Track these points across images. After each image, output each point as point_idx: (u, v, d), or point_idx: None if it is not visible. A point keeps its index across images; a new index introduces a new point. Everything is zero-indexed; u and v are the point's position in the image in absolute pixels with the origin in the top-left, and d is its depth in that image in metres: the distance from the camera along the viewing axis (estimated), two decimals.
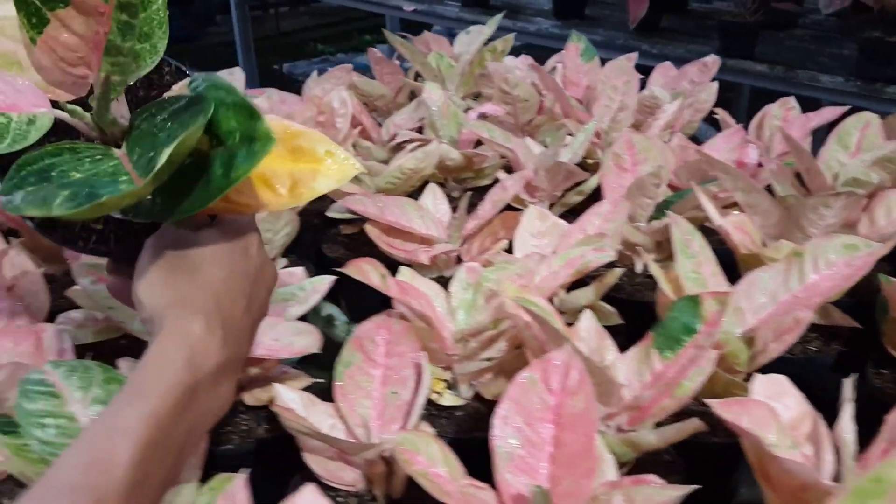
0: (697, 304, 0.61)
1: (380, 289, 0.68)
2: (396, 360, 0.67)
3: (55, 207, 0.36)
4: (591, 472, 0.53)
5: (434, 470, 0.54)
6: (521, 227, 0.89)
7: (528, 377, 0.57)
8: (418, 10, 2.89)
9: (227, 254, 0.44)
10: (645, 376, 0.63)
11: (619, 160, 0.97)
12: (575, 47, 1.31)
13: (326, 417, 0.65)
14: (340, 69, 1.26)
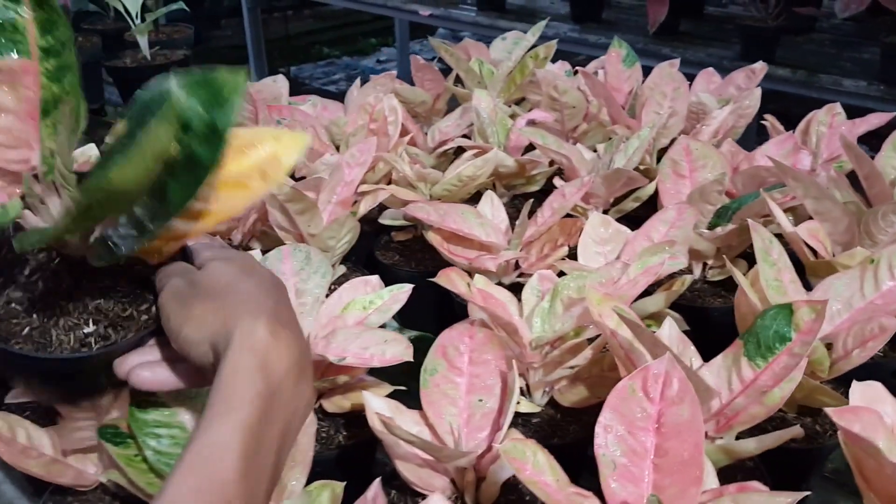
0: (791, 312, 0.61)
1: (466, 297, 0.68)
2: (481, 368, 0.67)
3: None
4: (699, 481, 0.54)
5: (542, 478, 0.54)
6: (585, 234, 0.89)
7: (629, 386, 0.57)
8: (434, 14, 2.90)
9: (240, 267, 0.46)
10: (734, 384, 0.64)
11: (677, 166, 0.97)
12: (617, 53, 1.31)
13: (413, 425, 0.66)
14: (386, 76, 1.26)
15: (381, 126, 1.07)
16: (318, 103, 1.24)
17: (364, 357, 0.65)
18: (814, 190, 0.79)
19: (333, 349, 0.68)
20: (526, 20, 2.73)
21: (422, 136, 1.21)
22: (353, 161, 0.95)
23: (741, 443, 0.59)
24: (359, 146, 0.97)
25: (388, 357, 0.64)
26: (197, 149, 0.38)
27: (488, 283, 0.77)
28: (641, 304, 0.82)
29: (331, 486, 0.60)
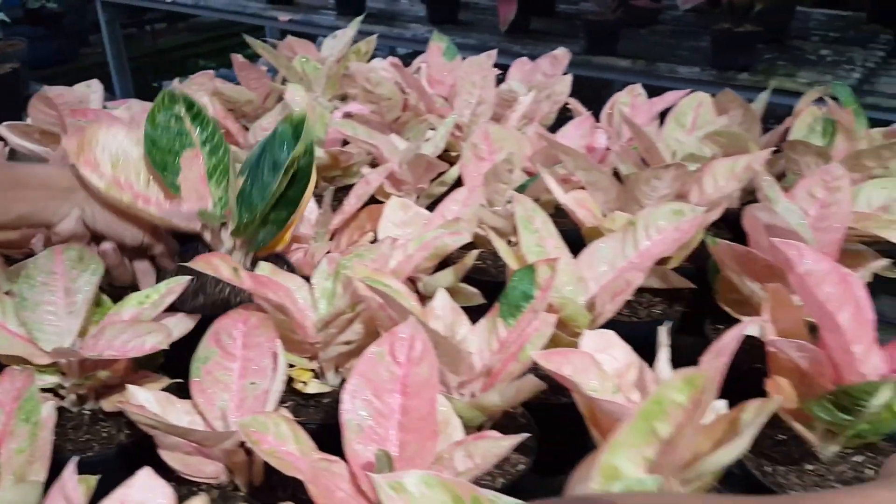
0: (533, 271, 0.65)
1: (233, 282, 0.68)
2: (254, 352, 0.67)
3: None
4: (435, 435, 0.56)
5: (284, 448, 0.55)
6: (385, 218, 0.91)
7: (377, 351, 0.59)
8: (294, 19, 2.89)
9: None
10: (493, 344, 0.67)
11: (477, 150, 1.01)
12: (437, 47, 1.35)
13: (184, 414, 0.65)
14: (202, 75, 1.25)
15: None
16: (136, 107, 1.22)
17: (125, 349, 0.64)
18: (583, 162, 0.83)
19: (101, 346, 0.67)
20: (385, 23, 2.76)
21: (244, 134, 1.20)
22: None
23: (486, 396, 0.62)
24: None
25: (147, 347, 0.64)
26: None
27: (275, 269, 0.77)
28: (434, 279, 0.84)
29: (85, 480, 0.58)
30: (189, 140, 0.73)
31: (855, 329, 0.57)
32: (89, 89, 1.24)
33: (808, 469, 0.63)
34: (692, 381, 0.41)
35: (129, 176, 0.74)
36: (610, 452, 0.42)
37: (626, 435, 0.42)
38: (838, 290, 0.57)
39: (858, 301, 0.58)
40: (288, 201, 0.77)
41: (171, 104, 0.73)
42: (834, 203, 0.77)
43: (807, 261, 0.57)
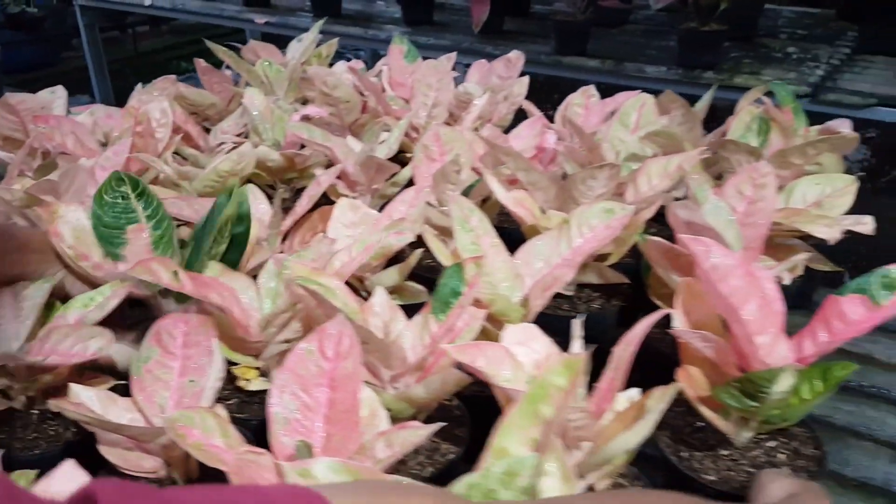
0: (461, 269, 0.67)
1: (171, 286, 0.70)
2: (194, 351, 0.70)
3: None
4: (358, 426, 0.58)
5: (211, 441, 0.57)
6: (334, 219, 0.93)
7: (306, 348, 0.61)
8: (270, 21, 2.90)
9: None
10: (425, 339, 0.69)
11: (428, 151, 1.03)
12: (399, 49, 1.37)
13: (125, 412, 0.67)
14: (164, 80, 1.27)
15: (147, 128, 1.08)
16: (99, 112, 1.24)
17: (68, 355, 0.67)
18: (522, 163, 0.86)
19: (45, 351, 0.69)
20: (361, 25, 2.78)
21: (205, 137, 1.23)
22: (107, 163, 0.96)
23: (412, 389, 0.65)
24: (113, 148, 0.98)
25: (90, 353, 0.66)
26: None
27: (224, 269, 0.80)
28: (378, 278, 0.87)
29: (25, 474, 0.61)
30: (135, 216, 0.79)
31: (761, 320, 0.60)
32: (54, 95, 1.26)
33: (723, 454, 0.66)
34: (571, 365, 0.43)
35: (89, 248, 0.79)
36: (501, 435, 0.45)
37: (514, 417, 0.45)
38: (744, 284, 0.60)
39: (766, 294, 0.61)
40: (228, 264, 0.81)
41: (119, 184, 0.78)
42: (760, 199, 0.79)
43: (713, 256, 0.60)
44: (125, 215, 0.77)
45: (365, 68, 1.46)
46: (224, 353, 0.76)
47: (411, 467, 0.68)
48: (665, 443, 0.67)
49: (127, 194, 0.77)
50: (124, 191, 0.77)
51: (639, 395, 0.62)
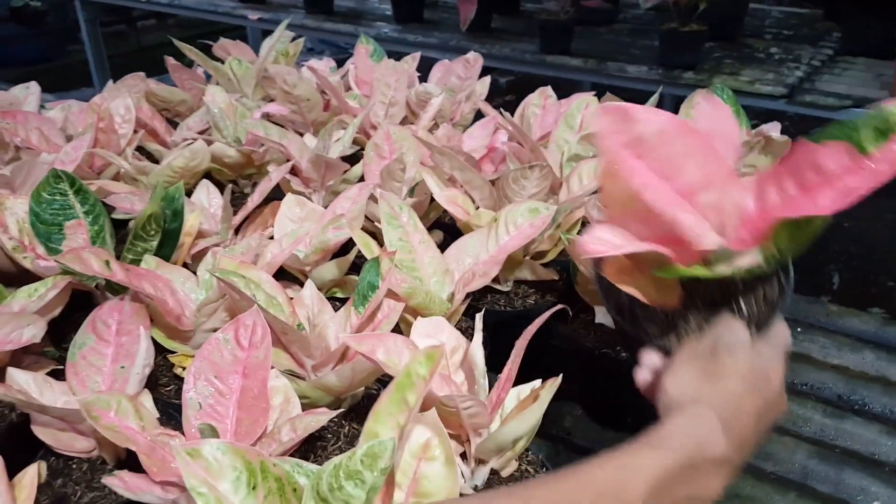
0: (378, 264, 0.70)
1: (102, 275, 0.74)
2: (126, 338, 0.73)
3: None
4: (266, 411, 0.62)
5: (125, 424, 0.61)
6: (281, 214, 0.96)
7: (222, 337, 0.65)
8: (263, 18, 2.94)
9: (750, 372, 0.50)
10: (347, 330, 0.72)
11: (379, 150, 1.06)
12: (364, 49, 1.40)
13: (61, 395, 0.71)
14: (133, 77, 1.31)
15: (109, 125, 1.12)
16: (74, 107, 1.27)
17: (3, 341, 0.70)
18: (458, 163, 0.89)
19: None
20: (352, 22, 2.81)
21: (172, 133, 1.26)
22: (66, 158, 1.00)
23: (325, 377, 0.68)
24: (72, 144, 1.02)
25: (24, 339, 0.70)
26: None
27: (160, 263, 0.83)
28: (317, 272, 0.90)
29: None
30: (73, 212, 0.82)
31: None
32: (27, 91, 1.30)
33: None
34: (431, 356, 0.46)
35: (34, 239, 0.83)
36: (373, 420, 0.48)
37: (386, 404, 0.48)
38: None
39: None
40: (162, 258, 0.85)
41: (57, 182, 0.82)
42: None
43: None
44: (63, 212, 0.81)
45: (335, 67, 1.50)
46: (162, 342, 0.80)
47: (331, 452, 0.71)
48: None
49: (65, 191, 0.80)
50: (62, 188, 0.80)
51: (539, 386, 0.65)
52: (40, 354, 0.82)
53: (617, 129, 0.49)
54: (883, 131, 0.47)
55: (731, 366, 0.50)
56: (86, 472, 0.70)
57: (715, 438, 0.46)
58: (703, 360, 0.51)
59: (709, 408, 0.47)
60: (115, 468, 0.70)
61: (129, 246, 0.82)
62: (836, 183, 0.48)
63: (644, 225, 0.51)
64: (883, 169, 0.46)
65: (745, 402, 0.49)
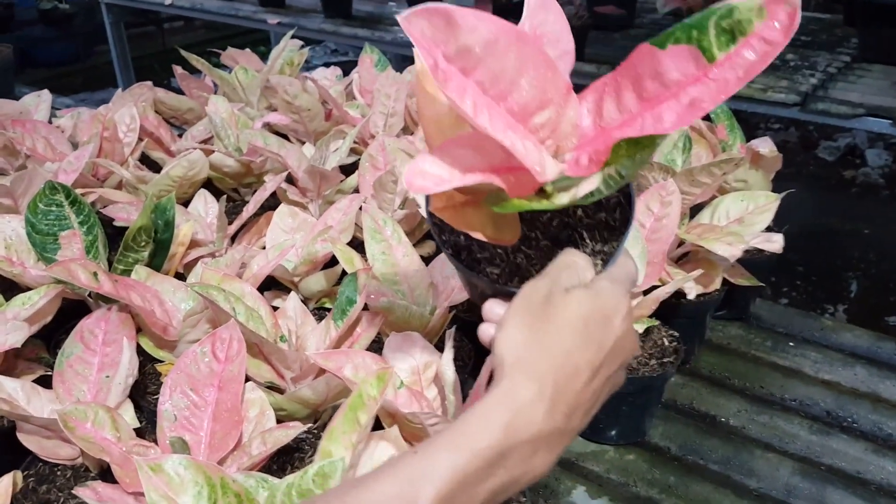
0: (356, 279, 0.72)
1: (89, 287, 0.76)
2: (112, 348, 0.75)
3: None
4: (239, 424, 0.63)
5: (101, 434, 0.63)
6: (273, 224, 0.98)
7: (199, 350, 0.66)
8: (283, 22, 2.97)
9: (586, 320, 0.43)
10: (326, 343, 0.74)
11: (374, 161, 1.08)
12: (369, 59, 1.41)
13: (48, 403, 0.73)
14: (141, 86, 1.33)
15: (113, 134, 1.14)
16: (84, 115, 1.30)
17: None
18: None
19: None
20: (370, 27, 2.83)
21: (177, 141, 1.28)
22: (69, 167, 1.02)
23: (300, 390, 0.69)
24: (75, 154, 1.04)
25: (8, 344, 0.72)
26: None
27: (151, 273, 0.85)
28: (306, 283, 0.91)
29: None
30: (68, 223, 0.84)
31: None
32: (38, 99, 1.33)
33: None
34: (381, 377, 0.47)
35: (21, 255, 0.86)
36: (327, 439, 0.49)
37: (339, 423, 0.49)
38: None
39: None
40: (153, 269, 0.87)
41: (53, 193, 0.84)
42: (665, 216, 0.82)
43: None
44: (59, 222, 0.83)
45: (341, 76, 1.51)
46: (150, 351, 0.82)
47: (306, 464, 0.72)
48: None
49: (61, 202, 0.83)
50: (58, 199, 0.83)
51: None
52: (35, 361, 0.84)
53: (438, 39, 0.39)
54: (730, 32, 0.39)
55: (562, 314, 0.42)
56: (69, 479, 0.72)
57: (530, 415, 0.40)
58: (536, 309, 0.43)
59: (527, 373, 0.41)
60: (98, 476, 0.72)
61: (120, 257, 0.84)
62: (679, 95, 0.40)
63: (472, 152, 0.43)
64: (730, 78, 0.39)
65: (578, 356, 0.42)
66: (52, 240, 0.84)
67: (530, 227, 0.50)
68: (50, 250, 0.84)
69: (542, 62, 0.42)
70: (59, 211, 0.84)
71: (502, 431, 0.39)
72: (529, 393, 0.40)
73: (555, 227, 0.50)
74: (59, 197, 0.84)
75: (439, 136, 0.46)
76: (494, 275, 0.48)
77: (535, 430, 0.40)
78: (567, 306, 0.42)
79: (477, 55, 0.40)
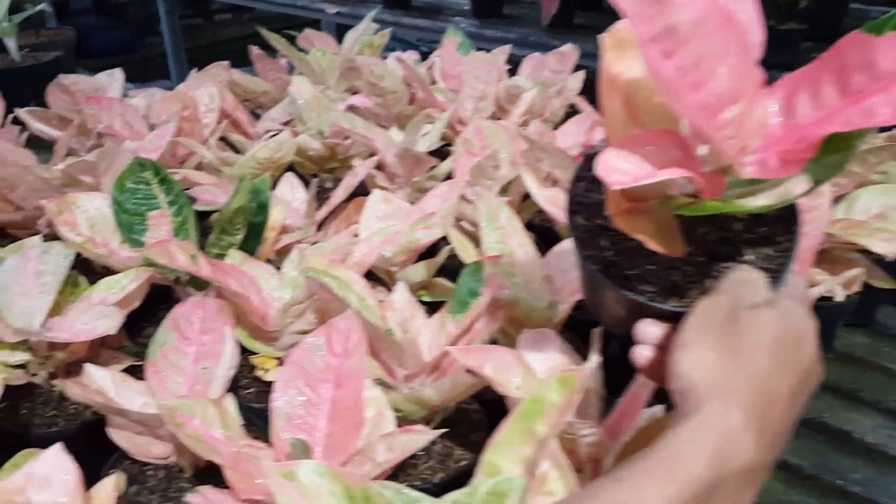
0: (480, 268, 0.64)
1: (188, 269, 0.70)
2: (210, 337, 0.69)
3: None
4: (360, 426, 0.56)
5: (210, 433, 0.56)
6: (367, 210, 0.91)
7: (313, 342, 0.60)
8: (341, 12, 2.92)
9: (779, 342, 0.39)
10: (442, 339, 0.67)
11: (469, 145, 1.00)
12: (452, 41, 1.35)
13: (138, 395, 0.67)
14: (217, 66, 1.28)
15: (194, 113, 1.09)
16: (156, 95, 1.26)
17: (78, 332, 0.67)
18: (559, 160, 0.82)
19: (61, 327, 0.69)
20: (430, 16, 2.76)
21: (254, 125, 1.23)
22: (150, 146, 0.97)
23: (423, 390, 0.62)
24: (156, 132, 0.99)
25: (99, 331, 0.66)
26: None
27: (245, 258, 0.79)
28: (405, 273, 0.85)
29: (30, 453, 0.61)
30: (156, 202, 0.79)
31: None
32: (111, 78, 1.28)
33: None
34: (566, 381, 0.40)
35: (106, 235, 0.80)
36: (492, 451, 0.42)
37: (507, 434, 0.42)
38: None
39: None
40: (246, 253, 0.81)
41: (141, 170, 0.78)
42: (815, 209, 0.74)
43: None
44: (147, 202, 0.77)
45: (419, 60, 1.45)
46: (244, 342, 0.76)
47: (421, 472, 0.65)
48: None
49: (149, 180, 0.77)
50: (146, 177, 0.77)
51: (661, 412, 0.58)
52: (118, 349, 0.79)
53: (646, 16, 0.36)
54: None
55: (753, 334, 0.39)
56: (162, 479, 0.66)
57: (741, 444, 0.36)
58: (721, 329, 0.39)
59: (731, 399, 0.37)
60: (193, 477, 0.66)
61: (215, 240, 0.78)
62: (893, 87, 0.36)
63: (658, 149, 0.39)
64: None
65: (778, 382, 0.38)
66: (139, 220, 0.79)
67: (692, 238, 0.45)
68: (137, 231, 0.79)
69: (743, 50, 0.38)
70: (146, 190, 0.78)
71: (712, 462, 0.35)
72: (738, 420, 0.37)
73: (713, 242, 0.46)
74: (148, 175, 0.79)
75: (623, 127, 0.42)
76: (651, 292, 0.44)
77: (745, 461, 0.36)
78: (757, 326, 0.39)
79: (681, 35, 0.36)
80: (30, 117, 1.16)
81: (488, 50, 1.48)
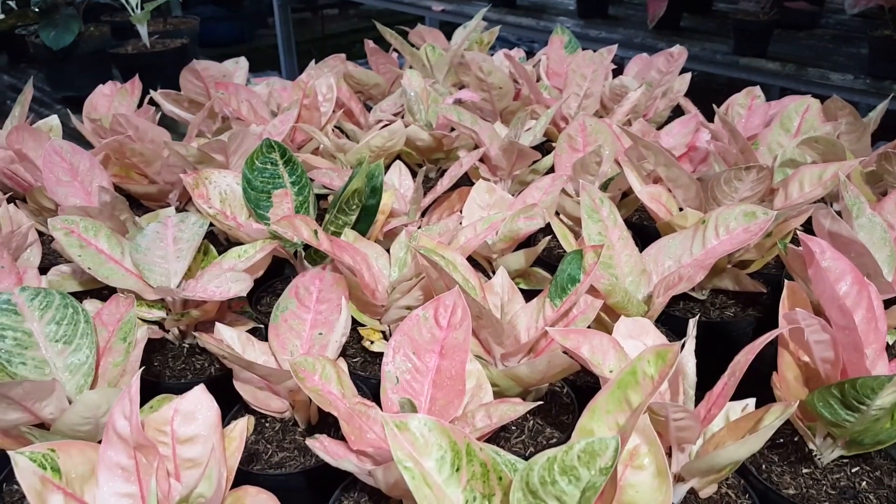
0: (581, 257, 0.68)
1: (310, 242, 0.76)
2: (325, 306, 0.75)
3: None
4: (461, 394, 0.61)
5: (328, 388, 0.62)
6: (471, 199, 0.96)
7: (422, 314, 0.64)
8: (447, 10, 2.98)
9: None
10: (539, 322, 0.70)
11: (572, 141, 1.03)
12: (559, 39, 1.37)
13: (261, 354, 0.74)
14: (334, 58, 1.35)
15: (313, 102, 1.16)
16: (276, 84, 1.34)
17: (213, 293, 0.74)
18: (663, 158, 0.84)
19: (197, 288, 0.77)
20: (534, 16, 2.79)
21: (366, 115, 1.29)
22: (274, 131, 1.05)
23: (517, 367, 0.66)
24: (280, 117, 1.06)
25: (232, 293, 0.73)
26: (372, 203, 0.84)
27: (358, 237, 0.85)
28: (503, 260, 0.89)
29: (167, 397, 0.68)
30: (281, 182, 0.85)
31: (866, 332, 0.56)
32: (237, 66, 1.38)
33: (804, 472, 0.63)
34: (662, 355, 0.43)
35: (234, 209, 0.87)
36: (588, 416, 0.46)
37: (603, 401, 0.45)
38: (853, 291, 0.56)
39: (873, 307, 0.57)
40: (358, 233, 0.87)
41: (269, 151, 0.85)
42: None
43: (827, 258, 0.57)
44: (273, 180, 0.84)
45: (525, 58, 1.48)
46: (353, 314, 0.82)
47: (514, 444, 0.69)
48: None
49: (275, 161, 0.84)
50: (273, 157, 0.83)
51: (752, 406, 0.60)
52: (240, 313, 0.86)
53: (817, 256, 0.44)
54: None
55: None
56: (278, 431, 0.72)
57: None
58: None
59: None
60: (305, 431, 0.72)
61: (332, 219, 0.84)
62: None
63: None
64: None
65: None
66: (265, 197, 0.86)
67: None
68: (263, 207, 0.86)
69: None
70: (273, 169, 0.85)
71: None
72: None
73: None
74: (275, 155, 0.86)
75: None
76: None
77: None
78: None
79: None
80: (164, 99, 1.26)
81: (593, 50, 1.50)
